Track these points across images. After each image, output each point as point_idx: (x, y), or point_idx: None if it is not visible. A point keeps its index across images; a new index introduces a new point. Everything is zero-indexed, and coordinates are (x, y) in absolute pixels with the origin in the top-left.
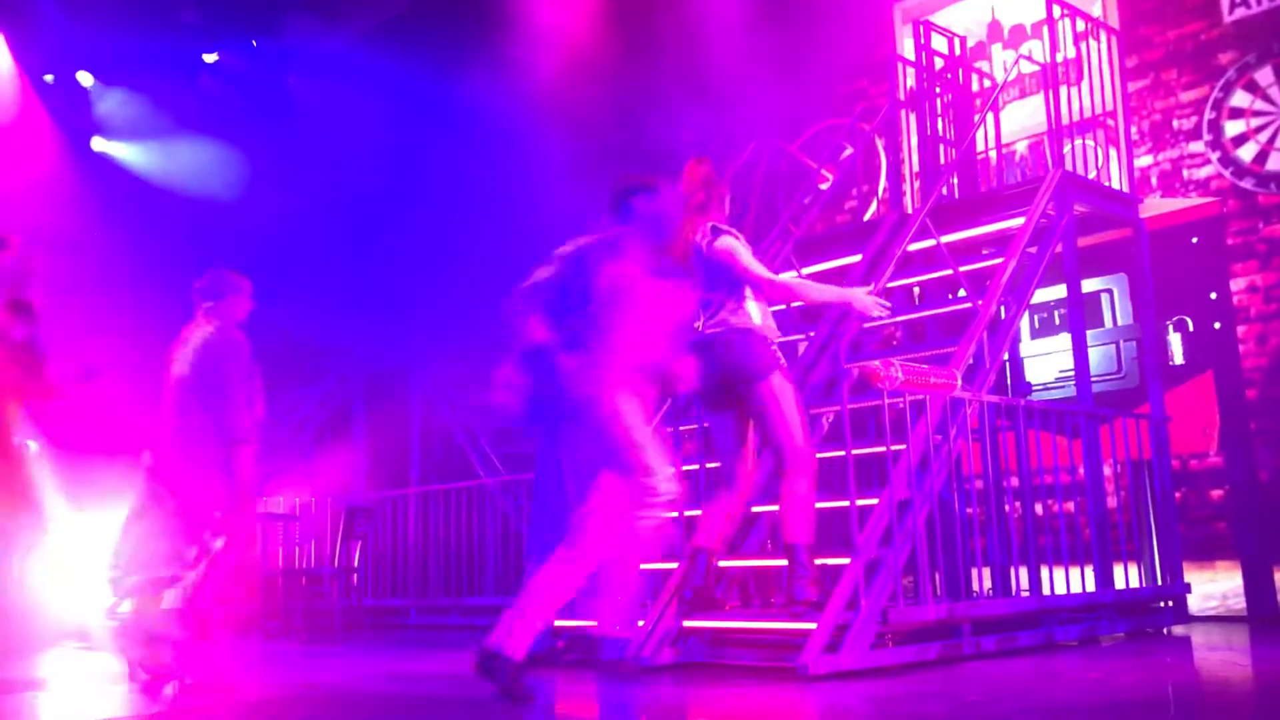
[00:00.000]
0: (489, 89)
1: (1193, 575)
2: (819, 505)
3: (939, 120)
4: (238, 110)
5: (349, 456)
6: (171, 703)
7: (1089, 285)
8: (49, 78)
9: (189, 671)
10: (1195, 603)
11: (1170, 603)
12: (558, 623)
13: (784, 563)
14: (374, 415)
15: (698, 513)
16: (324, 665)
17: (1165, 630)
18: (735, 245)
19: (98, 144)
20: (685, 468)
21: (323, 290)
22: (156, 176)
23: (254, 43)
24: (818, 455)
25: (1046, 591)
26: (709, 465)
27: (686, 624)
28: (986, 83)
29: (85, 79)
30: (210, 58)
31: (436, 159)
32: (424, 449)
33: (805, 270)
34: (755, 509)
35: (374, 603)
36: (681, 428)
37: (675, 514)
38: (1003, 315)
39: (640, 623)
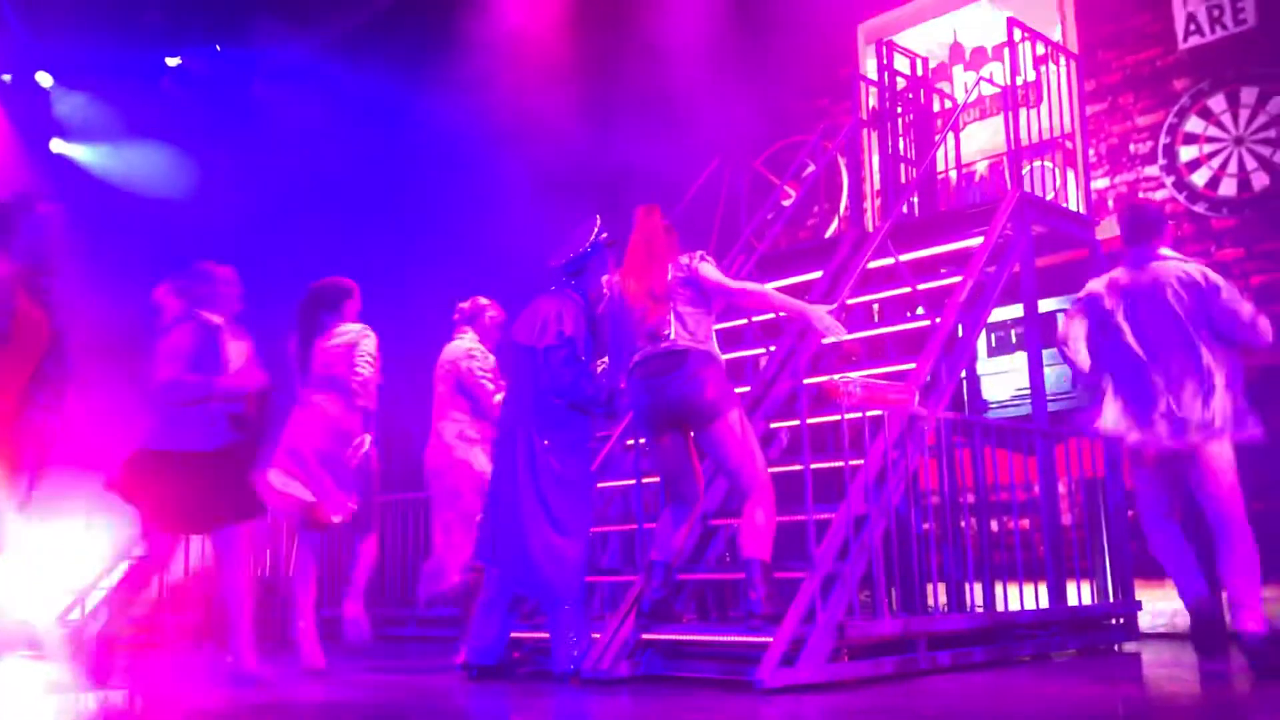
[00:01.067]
0: (453, 102)
1: (1144, 593)
2: (779, 519)
3: (900, 139)
4: (200, 115)
5: None
6: (123, 714)
7: (1046, 305)
8: (7, 77)
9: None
10: (1146, 620)
11: (1121, 620)
12: (515, 634)
13: (742, 576)
14: None
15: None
16: (279, 675)
17: (1116, 647)
18: (713, 267)
19: (57, 146)
20: (646, 480)
21: (281, 298)
22: (117, 180)
23: (218, 47)
24: (777, 469)
25: (1001, 608)
26: (648, 481)
27: (644, 636)
28: (948, 103)
29: (45, 80)
30: (173, 61)
31: (398, 169)
32: (383, 458)
33: (766, 286)
34: (714, 522)
35: (330, 612)
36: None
37: (635, 525)
38: (960, 333)
39: (596, 635)
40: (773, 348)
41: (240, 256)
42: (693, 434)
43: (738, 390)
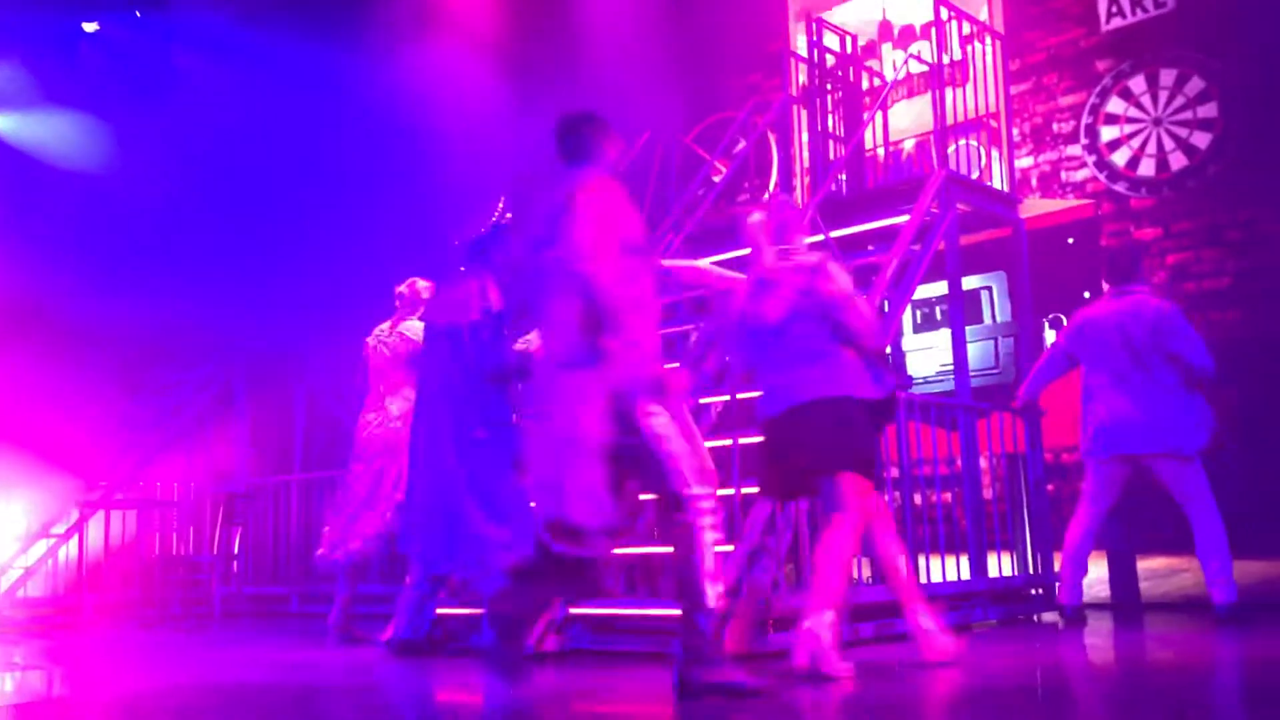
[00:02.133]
0: (381, 69)
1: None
2: None
3: (830, 117)
4: (118, 83)
5: (230, 442)
6: (45, 695)
7: (969, 282)
8: None
9: None
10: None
11: (1040, 590)
12: (440, 610)
13: (669, 550)
14: (256, 401)
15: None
16: (202, 654)
17: (1035, 617)
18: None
19: None
20: None
21: (204, 273)
22: (30, 149)
23: (138, 13)
24: (706, 444)
25: (923, 580)
26: None
27: (572, 611)
28: (876, 81)
29: None
30: (91, 27)
31: (324, 141)
32: (308, 435)
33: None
34: (641, 497)
35: (255, 590)
36: None
37: None
38: (886, 309)
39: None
40: (701, 324)
41: (162, 228)
42: None
43: (667, 366)
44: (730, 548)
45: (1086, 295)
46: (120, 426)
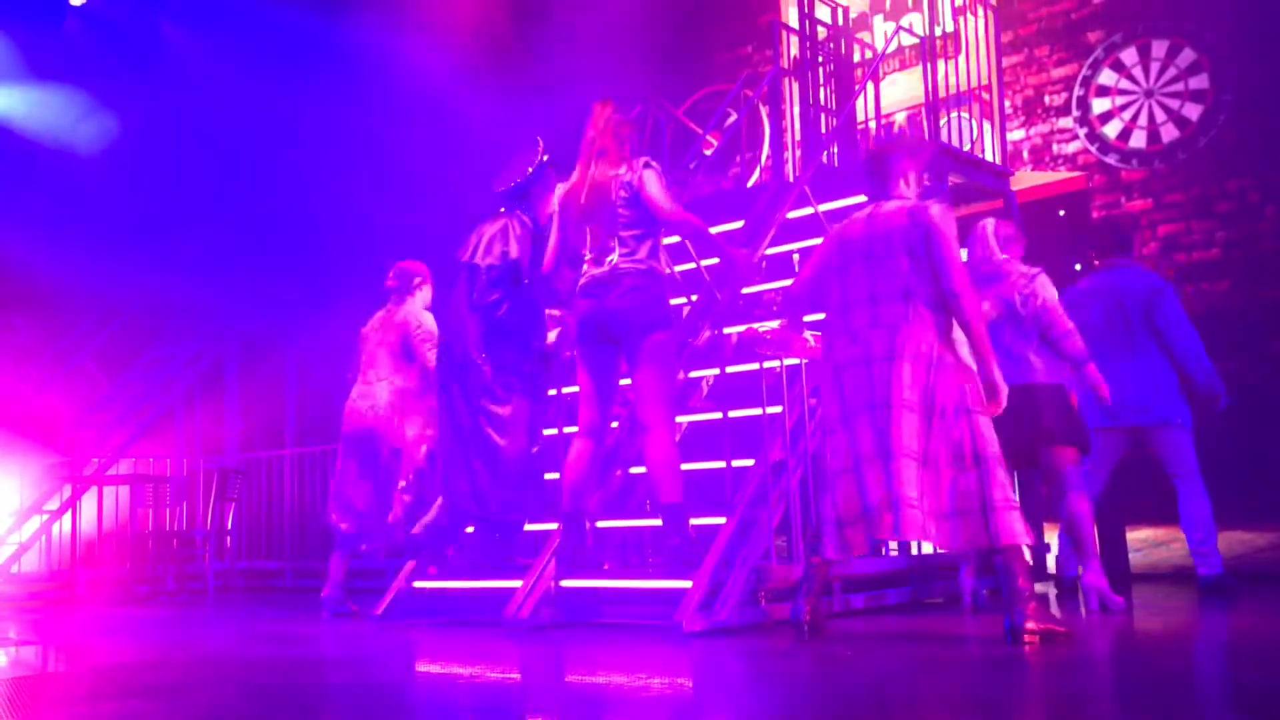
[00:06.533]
0: (373, 41)
1: (1052, 536)
2: (699, 466)
3: (821, 89)
4: (106, 57)
5: (221, 417)
6: (38, 667)
7: (962, 255)
8: None
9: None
10: (1053, 561)
11: (1030, 562)
12: (431, 583)
13: (661, 523)
14: (248, 375)
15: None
16: (196, 628)
17: None
18: (659, 182)
19: None
20: (567, 429)
21: (195, 247)
22: (17, 125)
23: None
24: (698, 418)
25: (914, 551)
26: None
27: (565, 583)
28: (868, 53)
29: None
30: (77, 0)
31: (318, 113)
32: (300, 409)
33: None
34: (634, 470)
35: (248, 565)
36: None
37: (555, 475)
38: None
39: (518, 583)
40: (694, 296)
41: (152, 202)
42: (624, 354)
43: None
44: (722, 520)
45: (1078, 268)
46: (111, 402)
